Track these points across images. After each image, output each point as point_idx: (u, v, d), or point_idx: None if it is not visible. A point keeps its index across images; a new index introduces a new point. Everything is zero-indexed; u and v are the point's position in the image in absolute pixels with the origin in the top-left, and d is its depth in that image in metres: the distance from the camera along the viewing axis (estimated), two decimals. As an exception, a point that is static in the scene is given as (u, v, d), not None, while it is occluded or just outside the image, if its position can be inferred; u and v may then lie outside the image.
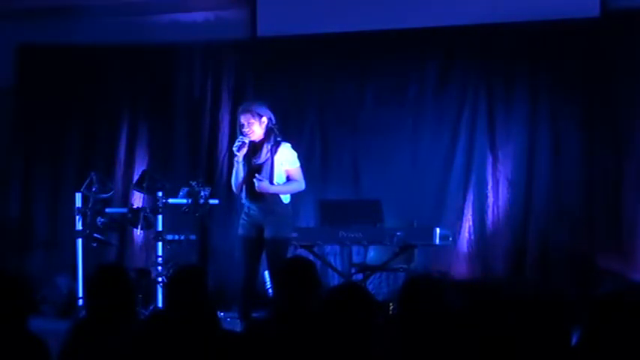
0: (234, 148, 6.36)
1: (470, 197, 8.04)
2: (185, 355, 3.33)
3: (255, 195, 6.29)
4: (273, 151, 6.33)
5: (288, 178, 6.40)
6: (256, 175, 6.25)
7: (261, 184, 6.24)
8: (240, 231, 6.37)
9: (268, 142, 6.34)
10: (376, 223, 7.05)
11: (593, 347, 3.05)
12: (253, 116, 6.34)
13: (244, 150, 6.32)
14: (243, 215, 6.37)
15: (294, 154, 6.43)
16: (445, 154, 8.14)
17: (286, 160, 6.38)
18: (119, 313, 3.67)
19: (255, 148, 6.36)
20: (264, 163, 6.32)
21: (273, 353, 3.54)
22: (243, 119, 6.35)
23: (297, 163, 6.44)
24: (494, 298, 3.36)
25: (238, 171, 6.34)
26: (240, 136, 6.34)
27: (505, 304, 3.24)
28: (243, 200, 6.37)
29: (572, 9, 7.67)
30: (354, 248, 7.69)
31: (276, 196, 6.31)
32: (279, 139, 6.40)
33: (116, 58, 8.96)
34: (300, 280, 3.94)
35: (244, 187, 6.33)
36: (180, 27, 8.83)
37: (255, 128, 6.33)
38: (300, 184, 6.44)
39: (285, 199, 6.36)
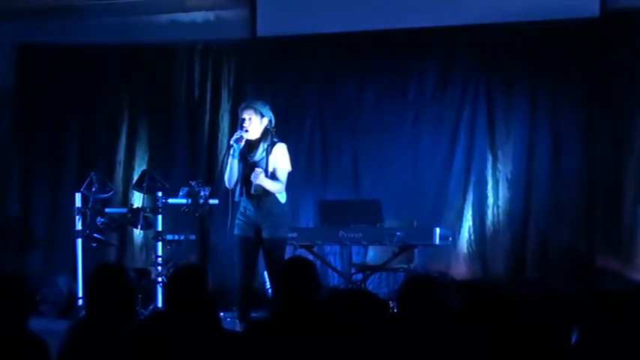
0: (232, 141, 6.32)
1: (470, 197, 8.04)
2: (185, 355, 3.33)
3: (251, 194, 6.27)
4: (269, 151, 6.32)
5: (273, 176, 6.33)
6: (256, 168, 6.22)
7: (259, 175, 6.20)
8: (237, 231, 6.34)
9: (265, 141, 6.33)
10: (376, 223, 7.06)
11: (593, 347, 3.05)
12: (255, 113, 6.33)
13: (242, 144, 6.29)
14: (239, 215, 6.33)
15: (287, 156, 6.38)
16: (445, 154, 8.15)
17: (278, 160, 6.33)
18: (119, 313, 3.67)
19: (250, 146, 6.34)
20: (259, 161, 6.30)
21: (273, 353, 3.54)
22: (245, 114, 6.33)
23: (287, 166, 6.36)
24: (493, 298, 3.36)
25: (233, 166, 6.30)
26: (239, 130, 6.33)
27: (504, 304, 3.24)
28: (238, 198, 6.34)
29: (572, 9, 7.68)
30: (354, 248, 7.70)
31: (272, 196, 6.28)
32: (275, 139, 6.39)
33: (116, 58, 8.97)
34: (299, 281, 3.94)
35: (240, 185, 6.30)
36: (180, 27, 8.84)
37: (255, 125, 6.31)
38: (281, 187, 6.33)
39: (282, 198, 6.34)
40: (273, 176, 6.31)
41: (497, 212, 7.98)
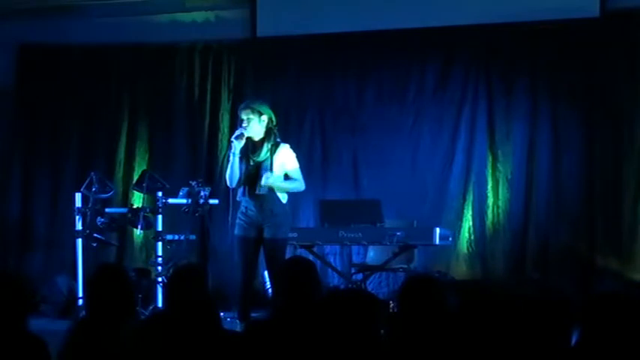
0: (232, 137, 6.32)
1: (470, 197, 8.05)
2: (185, 355, 3.33)
3: (254, 194, 6.27)
4: (273, 151, 6.32)
5: (287, 179, 6.38)
6: (266, 173, 6.23)
7: (269, 179, 6.22)
8: (238, 231, 6.33)
9: (268, 141, 6.32)
10: (376, 223, 7.05)
11: (593, 347, 3.05)
12: (253, 112, 6.32)
13: (242, 142, 6.28)
14: (239, 215, 6.33)
15: (294, 155, 6.42)
16: (445, 154, 8.15)
17: (286, 161, 6.36)
18: (119, 313, 3.67)
19: (254, 146, 6.34)
20: (263, 161, 6.30)
21: (272, 353, 3.54)
22: (243, 114, 6.34)
23: (297, 164, 6.43)
24: (493, 297, 3.36)
25: (234, 164, 6.29)
26: (239, 128, 6.33)
27: (504, 304, 3.24)
28: (240, 198, 6.34)
29: (572, 9, 7.68)
30: (354, 248, 7.70)
31: (274, 196, 6.29)
32: (278, 139, 6.39)
33: (116, 58, 8.97)
34: (300, 281, 3.93)
35: (243, 185, 6.31)
36: (180, 27, 8.84)
37: (254, 125, 6.30)
38: (300, 184, 6.43)
39: (283, 198, 6.35)
40: (287, 179, 6.35)
41: (497, 212, 7.98)
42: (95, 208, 7.46)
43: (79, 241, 7.50)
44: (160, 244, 7.40)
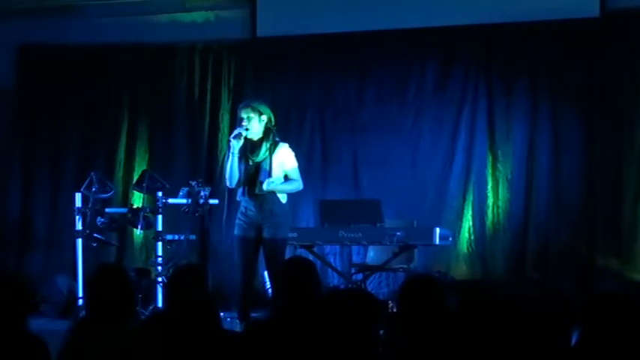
0: (231, 137, 6.32)
1: (470, 197, 8.05)
2: (185, 355, 3.33)
3: (253, 194, 6.27)
4: (272, 151, 6.31)
5: (286, 178, 6.38)
6: (266, 179, 6.23)
7: (270, 185, 6.22)
8: (237, 231, 6.33)
9: (267, 141, 6.32)
10: (376, 223, 7.05)
11: (593, 347, 3.05)
12: (254, 111, 6.32)
13: (241, 141, 6.28)
14: (239, 215, 6.33)
15: (293, 154, 6.42)
16: (445, 154, 8.16)
17: (285, 161, 6.36)
18: (119, 313, 3.67)
19: (253, 146, 6.34)
20: (262, 161, 6.30)
21: (272, 353, 3.54)
22: (243, 113, 6.34)
23: (296, 164, 6.43)
24: (493, 297, 3.36)
25: (233, 164, 6.29)
26: (238, 127, 6.33)
27: (504, 304, 3.24)
28: (240, 198, 6.34)
29: (572, 9, 7.69)
30: (354, 248, 7.70)
31: (274, 196, 6.29)
32: (277, 139, 6.39)
33: (116, 58, 8.97)
34: (300, 281, 3.93)
35: (243, 185, 6.30)
36: (180, 27, 8.85)
37: (254, 124, 6.30)
38: (299, 184, 6.43)
39: (283, 198, 6.35)
40: (286, 178, 6.34)
41: (497, 212, 7.98)
42: (95, 208, 7.45)
43: (79, 241, 7.50)
44: (159, 244, 7.40)
